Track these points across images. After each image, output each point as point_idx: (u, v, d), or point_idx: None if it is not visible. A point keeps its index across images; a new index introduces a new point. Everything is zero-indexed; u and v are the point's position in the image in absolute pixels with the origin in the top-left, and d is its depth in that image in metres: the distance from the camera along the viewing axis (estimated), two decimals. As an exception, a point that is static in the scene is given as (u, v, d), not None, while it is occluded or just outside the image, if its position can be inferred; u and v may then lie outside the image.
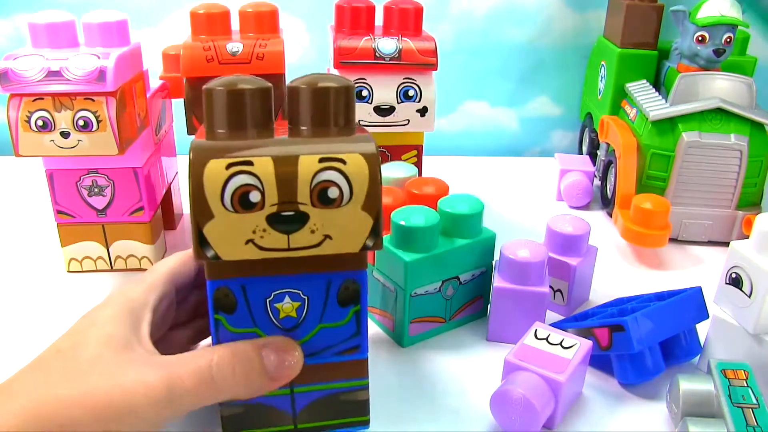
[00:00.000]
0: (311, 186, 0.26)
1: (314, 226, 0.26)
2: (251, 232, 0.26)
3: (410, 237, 0.40)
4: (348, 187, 0.26)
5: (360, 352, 0.30)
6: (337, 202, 0.26)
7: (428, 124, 0.53)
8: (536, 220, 0.60)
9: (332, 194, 0.26)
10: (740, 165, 0.54)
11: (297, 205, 0.26)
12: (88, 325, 0.29)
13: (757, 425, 0.31)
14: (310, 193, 0.26)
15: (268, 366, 0.28)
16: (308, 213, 0.26)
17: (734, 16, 0.56)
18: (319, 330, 0.29)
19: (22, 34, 0.72)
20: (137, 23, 0.54)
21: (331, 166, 0.26)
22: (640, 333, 0.37)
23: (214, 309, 0.28)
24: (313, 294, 0.28)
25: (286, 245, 0.26)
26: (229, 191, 0.25)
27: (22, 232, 0.57)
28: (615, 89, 0.65)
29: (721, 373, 0.34)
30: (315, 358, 0.29)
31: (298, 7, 0.72)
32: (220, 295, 0.28)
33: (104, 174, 0.47)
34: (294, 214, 0.26)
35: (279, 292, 0.28)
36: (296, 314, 0.29)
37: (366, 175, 0.26)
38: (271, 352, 0.28)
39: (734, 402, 0.32)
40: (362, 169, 0.26)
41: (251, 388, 0.28)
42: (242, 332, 0.28)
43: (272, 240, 0.26)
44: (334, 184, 0.26)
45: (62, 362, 0.27)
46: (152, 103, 0.50)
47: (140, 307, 0.30)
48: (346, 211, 0.26)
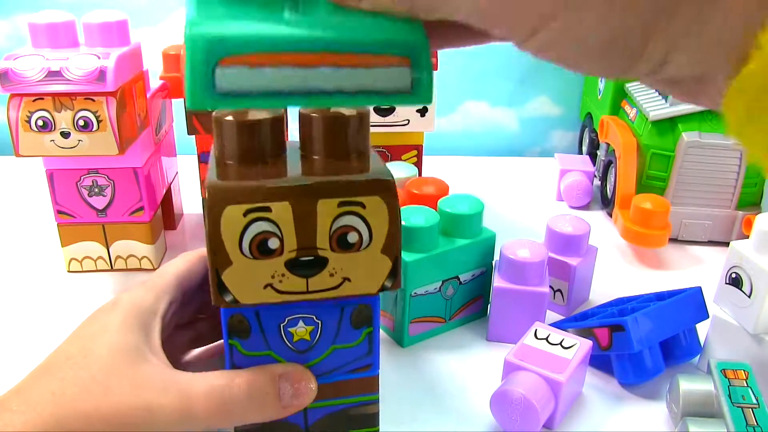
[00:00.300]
0: (330, 232, 0.25)
1: (333, 269, 0.26)
2: (270, 276, 0.25)
3: (410, 237, 0.40)
4: (368, 231, 0.26)
5: (371, 370, 0.30)
6: (356, 247, 0.26)
7: (428, 124, 0.54)
8: (536, 220, 0.60)
9: (351, 239, 0.26)
10: (740, 165, 0.54)
11: (316, 251, 0.25)
12: (98, 331, 0.29)
13: (757, 425, 0.31)
14: (330, 238, 0.25)
15: (282, 396, 0.28)
16: (327, 257, 0.26)
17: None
18: (332, 351, 0.29)
19: (22, 34, 0.72)
20: (137, 23, 0.54)
21: (351, 210, 0.25)
22: (640, 333, 0.37)
23: (228, 334, 0.28)
24: (326, 318, 0.28)
25: (304, 288, 0.26)
26: (248, 238, 0.25)
27: (23, 232, 0.57)
28: (615, 89, 0.65)
29: (721, 373, 0.34)
30: (328, 377, 0.30)
31: (298, 7, 0.72)
32: (234, 322, 0.27)
33: (104, 174, 0.47)
34: (313, 259, 0.25)
35: (293, 318, 0.28)
36: (310, 337, 0.28)
37: (386, 219, 0.26)
38: (288, 383, 0.28)
39: (734, 402, 0.32)
40: (382, 213, 0.26)
41: (264, 415, 0.28)
42: (256, 355, 0.28)
43: (291, 284, 0.26)
44: (353, 229, 0.25)
45: (75, 370, 0.27)
46: (152, 103, 0.50)
47: (150, 315, 0.29)
48: (365, 254, 0.26)
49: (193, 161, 0.52)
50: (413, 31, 0.21)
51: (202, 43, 0.19)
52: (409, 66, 0.21)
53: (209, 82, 0.19)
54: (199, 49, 0.19)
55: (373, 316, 0.29)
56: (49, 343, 0.30)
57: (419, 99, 0.21)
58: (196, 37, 0.19)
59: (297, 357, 0.29)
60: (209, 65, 0.19)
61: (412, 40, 0.20)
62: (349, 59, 0.20)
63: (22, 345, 0.42)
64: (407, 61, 0.20)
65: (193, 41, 0.19)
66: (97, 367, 0.27)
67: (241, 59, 0.19)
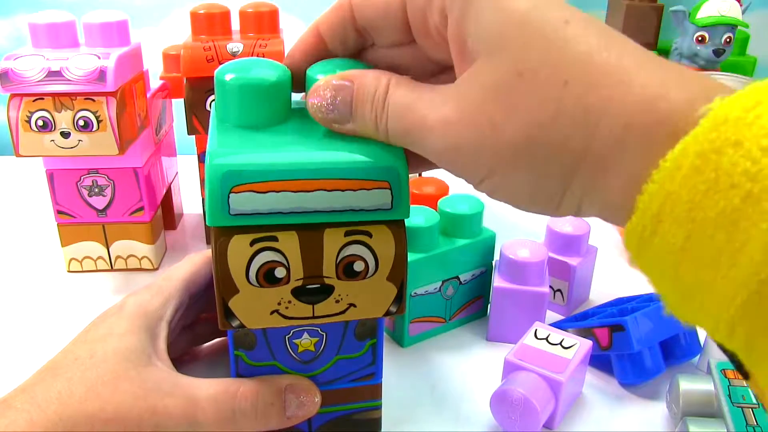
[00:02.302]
0: (337, 261, 0.25)
1: (339, 296, 0.26)
2: (276, 303, 0.26)
3: (410, 237, 0.40)
4: (374, 259, 0.26)
5: (374, 379, 0.31)
6: (362, 275, 0.26)
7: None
8: (536, 220, 0.60)
9: (358, 268, 0.26)
10: (740, 165, 0.54)
11: (322, 279, 0.26)
12: (105, 334, 0.29)
13: (757, 425, 0.31)
14: (336, 267, 0.26)
15: (288, 407, 0.28)
16: (333, 285, 0.26)
17: (734, 16, 0.56)
18: (337, 361, 0.29)
19: (23, 34, 0.73)
20: (137, 23, 0.54)
21: (357, 239, 0.25)
22: (639, 333, 0.37)
23: (234, 346, 0.28)
24: (331, 331, 0.29)
25: (310, 314, 0.26)
26: (254, 268, 0.25)
27: (23, 232, 0.57)
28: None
29: (721, 373, 0.34)
30: (332, 385, 0.30)
31: (298, 7, 0.72)
32: (240, 335, 0.28)
33: (104, 174, 0.47)
34: (320, 287, 0.26)
35: (298, 329, 0.28)
36: (314, 348, 0.29)
37: (392, 247, 0.26)
38: (293, 395, 0.28)
39: (734, 402, 0.32)
40: (388, 241, 0.26)
41: (268, 425, 0.28)
42: (262, 365, 0.29)
43: (297, 310, 0.26)
44: (359, 258, 0.26)
45: (83, 372, 0.27)
46: (152, 103, 0.50)
47: (156, 320, 0.30)
48: (371, 282, 0.26)
49: (193, 161, 0.52)
50: (394, 157, 0.24)
51: (219, 175, 0.23)
52: (389, 188, 0.24)
53: (225, 205, 0.23)
54: (216, 180, 0.23)
55: (377, 329, 0.29)
56: (49, 343, 0.30)
57: (398, 214, 0.25)
58: (214, 169, 0.23)
59: (301, 367, 0.29)
60: (224, 193, 0.23)
61: (393, 166, 0.24)
62: (339, 184, 0.24)
63: (23, 345, 0.42)
64: (387, 185, 0.24)
65: (211, 172, 0.23)
66: (104, 369, 0.27)
67: (250, 187, 0.23)
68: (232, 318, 0.26)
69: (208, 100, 0.48)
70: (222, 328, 0.26)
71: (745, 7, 0.57)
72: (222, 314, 0.26)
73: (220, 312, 0.25)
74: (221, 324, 0.26)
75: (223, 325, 0.26)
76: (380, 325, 0.29)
